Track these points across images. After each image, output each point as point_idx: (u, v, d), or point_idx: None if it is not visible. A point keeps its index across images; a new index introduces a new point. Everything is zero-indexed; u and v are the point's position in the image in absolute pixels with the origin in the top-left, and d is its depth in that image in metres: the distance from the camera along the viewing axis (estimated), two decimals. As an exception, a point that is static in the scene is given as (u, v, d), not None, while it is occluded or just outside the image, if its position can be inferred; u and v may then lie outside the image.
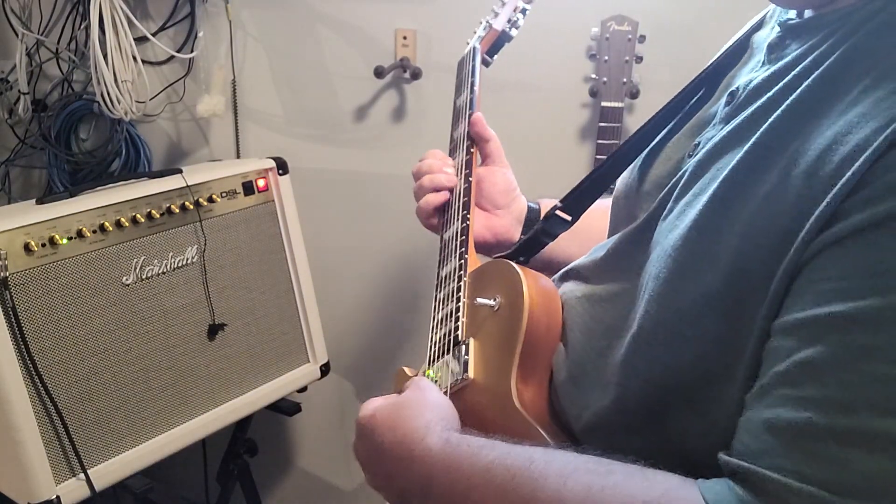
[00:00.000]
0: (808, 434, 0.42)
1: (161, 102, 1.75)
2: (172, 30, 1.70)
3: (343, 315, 1.82)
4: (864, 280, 0.42)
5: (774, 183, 0.50)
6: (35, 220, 1.17)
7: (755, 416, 0.45)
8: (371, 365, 1.88)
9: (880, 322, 0.41)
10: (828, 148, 0.47)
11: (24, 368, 1.15)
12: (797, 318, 0.45)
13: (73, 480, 1.21)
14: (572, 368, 0.68)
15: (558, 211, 0.81)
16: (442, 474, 0.57)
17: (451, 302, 0.81)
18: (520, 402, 0.66)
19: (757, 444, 0.44)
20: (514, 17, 1.13)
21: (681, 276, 0.54)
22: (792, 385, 0.44)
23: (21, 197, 1.86)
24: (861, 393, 0.41)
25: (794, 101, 0.52)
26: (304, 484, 2.00)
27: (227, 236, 1.44)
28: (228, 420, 1.45)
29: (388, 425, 0.63)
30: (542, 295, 0.71)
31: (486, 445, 0.56)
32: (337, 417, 1.93)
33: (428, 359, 0.83)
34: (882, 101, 0.46)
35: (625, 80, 1.45)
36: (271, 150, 1.65)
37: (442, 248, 0.91)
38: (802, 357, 0.44)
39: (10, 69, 1.75)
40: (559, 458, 0.53)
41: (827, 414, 0.41)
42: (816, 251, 0.45)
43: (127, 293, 1.29)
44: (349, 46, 1.68)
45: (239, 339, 1.46)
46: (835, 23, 0.54)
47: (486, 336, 0.74)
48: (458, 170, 0.96)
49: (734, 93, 0.62)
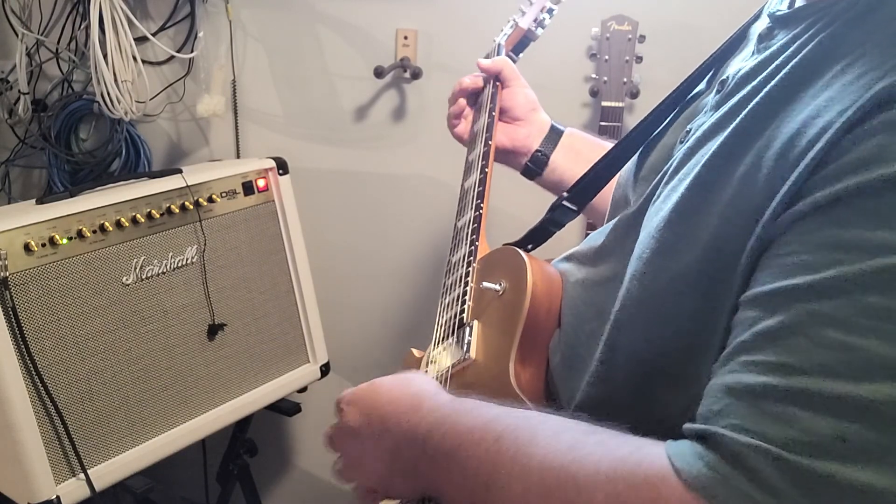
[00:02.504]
0: (763, 395, 0.44)
1: (161, 102, 1.75)
2: (172, 30, 1.70)
3: (343, 315, 1.82)
4: (824, 253, 0.44)
5: (749, 165, 0.52)
6: (35, 220, 1.17)
7: (717, 382, 0.48)
8: (371, 365, 1.87)
9: (835, 292, 0.43)
10: (797, 131, 0.49)
11: (24, 368, 1.15)
12: (761, 290, 0.47)
13: (73, 480, 1.21)
14: (565, 351, 0.70)
15: (565, 202, 0.85)
16: (449, 416, 0.59)
17: (458, 286, 0.83)
18: (517, 383, 0.68)
19: (717, 406, 0.46)
20: (541, 17, 1.14)
21: (661, 255, 0.57)
22: (752, 351, 0.46)
23: (21, 197, 1.86)
24: (814, 357, 0.43)
25: (772, 88, 0.54)
26: (304, 484, 2.00)
27: (227, 236, 1.44)
28: (228, 420, 1.45)
29: (398, 385, 0.66)
30: (544, 281, 0.73)
31: (492, 405, 0.59)
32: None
33: (434, 339, 0.85)
34: (849, 84, 0.48)
35: (625, 80, 1.45)
36: (271, 150, 1.65)
37: (454, 236, 0.94)
38: (763, 326, 0.46)
39: (10, 69, 1.75)
40: (553, 419, 0.55)
41: (783, 377, 0.43)
42: (782, 229, 0.48)
43: (127, 293, 1.29)
44: (349, 46, 1.68)
45: (239, 339, 1.46)
46: (818, 13, 0.55)
47: (489, 319, 0.76)
48: (475, 162, 0.98)
49: (724, 81, 0.65)
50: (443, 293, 0.89)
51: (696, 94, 0.74)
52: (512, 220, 1.50)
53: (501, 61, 1.06)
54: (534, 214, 0.92)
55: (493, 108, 1.02)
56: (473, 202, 0.92)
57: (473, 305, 0.80)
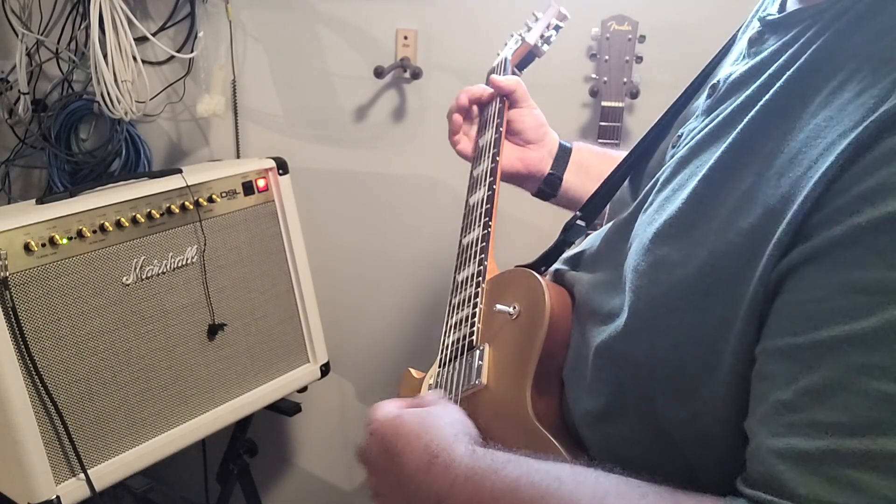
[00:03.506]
0: (820, 460, 0.42)
1: (161, 102, 1.75)
2: (172, 30, 1.70)
3: (343, 315, 1.82)
4: (851, 298, 0.43)
5: (749, 183, 0.51)
6: (35, 220, 1.17)
7: (764, 445, 0.46)
8: (371, 365, 1.88)
9: (874, 340, 0.41)
10: (799, 151, 0.48)
11: (24, 368, 1.15)
12: (792, 342, 0.45)
13: (73, 480, 1.21)
14: (572, 360, 0.68)
15: (578, 220, 0.83)
16: (464, 484, 0.56)
17: (467, 307, 0.81)
18: (534, 413, 0.66)
19: (773, 475, 0.44)
20: (548, 34, 1.13)
21: (656, 268, 0.56)
22: (798, 412, 0.44)
23: (21, 197, 1.86)
24: (866, 414, 0.41)
25: (768, 101, 0.53)
26: (304, 484, 2.00)
27: (227, 236, 1.44)
28: (228, 420, 1.45)
29: (415, 430, 0.63)
30: (561, 306, 0.71)
31: (512, 461, 0.56)
32: (337, 417, 1.93)
33: (439, 361, 0.82)
34: (848, 104, 0.47)
35: (625, 80, 1.45)
36: (271, 150, 1.65)
37: (460, 253, 0.91)
38: (806, 384, 0.44)
39: (10, 69, 1.75)
40: (590, 479, 0.52)
41: (837, 439, 0.42)
42: (795, 264, 0.46)
43: (127, 293, 1.29)
44: (349, 46, 1.68)
45: (239, 339, 1.46)
46: (808, 19, 0.54)
47: (501, 343, 0.73)
48: (481, 178, 0.96)
49: (715, 86, 0.63)
50: (448, 312, 0.86)
51: (691, 97, 0.73)
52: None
53: (515, 82, 1.03)
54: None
55: (501, 124, 0.99)
56: (481, 220, 0.89)
57: (483, 328, 0.77)
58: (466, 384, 0.73)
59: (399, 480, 0.61)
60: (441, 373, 0.80)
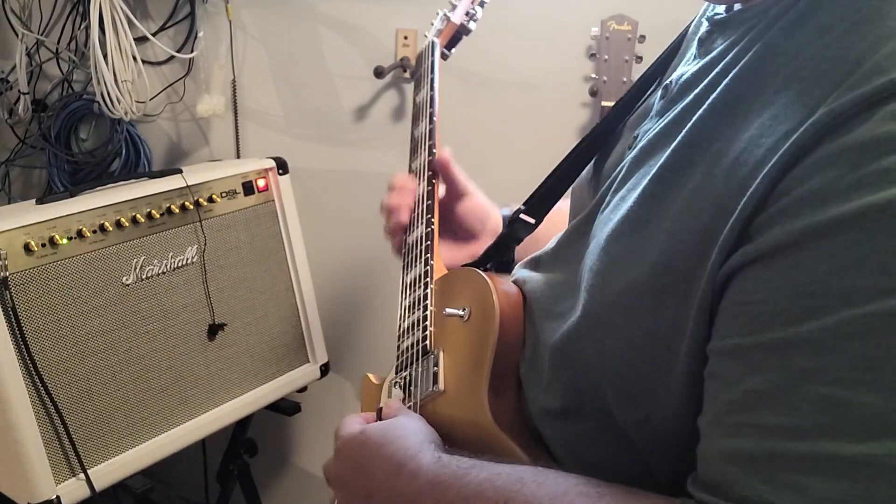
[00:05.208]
0: (764, 463, 0.43)
1: (161, 102, 1.75)
2: (172, 30, 1.70)
3: (343, 315, 1.82)
4: (795, 302, 0.43)
5: (698, 181, 0.51)
6: (35, 220, 1.17)
7: (713, 447, 0.46)
8: (371, 365, 1.87)
9: (817, 344, 0.42)
10: (743, 150, 0.48)
11: (24, 368, 1.15)
12: (738, 343, 0.45)
13: (73, 480, 1.21)
14: (529, 358, 0.68)
15: (522, 215, 0.81)
16: (430, 492, 0.57)
17: (417, 310, 0.79)
18: (493, 415, 0.65)
19: (721, 477, 0.45)
20: (473, 11, 1.12)
21: (610, 268, 0.56)
22: (744, 413, 0.44)
23: (21, 197, 1.86)
24: (809, 417, 0.42)
25: (715, 100, 0.53)
26: (304, 484, 2.00)
27: (227, 236, 1.44)
28: (228, 420, 1.45)
29: (379, 441, 0.64)
30: (510, 304, 0.70)
31: (476, 465, 0.56)
32: (337, 417, 1.91)
33: (395, 367, 0.81)
34: (790, 104, 0.47)
35: (625, 80, 1.45)
36: (271, 150, 1.65)
37: (406, 253, 0.87)
38: (751, 385, 0.44)
39: (10, 69, 1.75)
40: (550, 479, 0.53)
41: (781, 441, 0.42)
42: (740, 265, 0.46)
43: (127, 293, 1.29)
44: (349, 46, 1.68)
45: (239, 339, 1.46)
46: (753, 18, 0.54)
47: (455, 346, 0.72)
48: (419, 172, 0.93)
49: (668, 86, 0.64)
50: (400, 315, 0.83)
51: (647, 96, 0.73)
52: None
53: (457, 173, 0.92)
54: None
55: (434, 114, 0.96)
56: (424, 216, 0.85)
57: (436, 331, 0.75)
58: (424, 391, 0.72)
59: (368, 493, 0.62)
60: (397, 379, 0.79)
